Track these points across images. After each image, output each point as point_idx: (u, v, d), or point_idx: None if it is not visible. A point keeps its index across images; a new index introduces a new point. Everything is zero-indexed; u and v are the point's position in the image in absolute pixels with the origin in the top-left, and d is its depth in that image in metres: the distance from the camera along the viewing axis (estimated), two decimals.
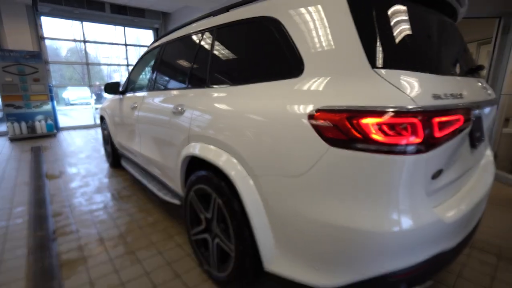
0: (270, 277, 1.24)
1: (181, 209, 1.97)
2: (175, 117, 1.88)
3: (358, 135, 0.90)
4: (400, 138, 0.87)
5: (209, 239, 1.66)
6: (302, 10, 1.21)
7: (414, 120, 0.87)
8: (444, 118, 0.93)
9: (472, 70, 1.39)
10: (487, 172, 1.52)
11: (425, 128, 0.89)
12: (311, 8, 1.18)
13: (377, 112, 0.88)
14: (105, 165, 4.23)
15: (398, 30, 1.06)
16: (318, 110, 0.99)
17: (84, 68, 11.55)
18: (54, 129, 6.56)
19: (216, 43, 1.73)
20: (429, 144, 0.90)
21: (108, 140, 3.95)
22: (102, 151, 5.03)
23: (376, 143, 0.88)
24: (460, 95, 1.05)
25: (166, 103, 2.08)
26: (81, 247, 2.09)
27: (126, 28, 8.06)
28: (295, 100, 1.09)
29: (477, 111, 1.25)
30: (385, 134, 0.88)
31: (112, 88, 3.20)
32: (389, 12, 1.08)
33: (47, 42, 7.01)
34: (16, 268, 1.85)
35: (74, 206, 2.79)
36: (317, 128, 0.99)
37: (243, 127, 1.30)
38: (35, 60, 6.06)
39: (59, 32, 7.68)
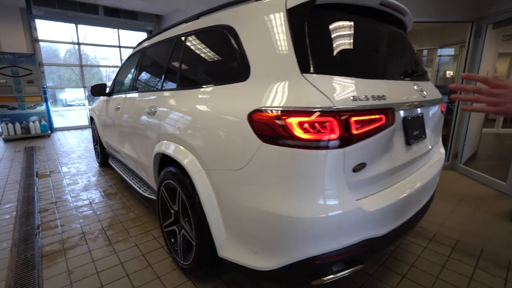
0: (223, 262, 1.38)
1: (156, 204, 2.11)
2: (149, 117, 2.02)
3: (284, 133, 1.03)
4: (318, 135, 1.01)
5: (177, 230, 1.79)
6: (252, 20, 1.35)
7: (331, 119, 1.01)
8: (361, 118, 1.07)
9: (410, 74, 1.52)
10: (433, 168, 1.66)
11: (341, 126, 1.02)
12: (258, 19, 1.32)
13: (299, 112, 1.02)
14: (95, 165, 4.36)
15: (327, 40, 1.20)
16: (254, 111, 1.13)
17: (83, 70, 11.69)
18: (48, 130, 6.69)
19: (185, 48, 1.87)
20: (346, 140, 1.04)
21: (97, 140, 4.08)
22: (93, 151, 5.16)
23: (299, 139, 1.02)
24: (383, 97, 1.18)
25: (143, 104, 2.22)
26: (63, 240, 2.22)
27: (120, 30, 8.20)
28: (239, 102, 1.23)
29: (408, 111, 1.39)
30: (306, 131, 1.01)
31: (98, 90, 3.32)
32: (320, 24, 1.22)
33: (44, 44, 7.14)
34: (0, 259, 1.97)
35: (60, 203, 2.92)
36: (253, 126, 1.12)
37: (198, 126, 1.44)
38: (29, 62, 6.19)
39: (56, 35, 7.83)
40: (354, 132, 1.05)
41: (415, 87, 1.47)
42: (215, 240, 1.38)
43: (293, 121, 1.02)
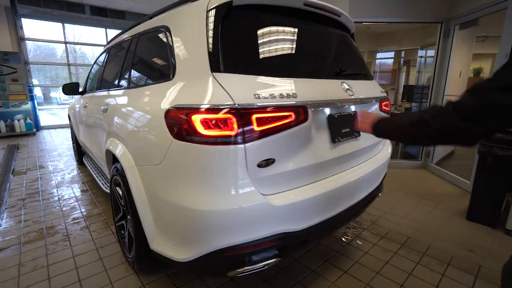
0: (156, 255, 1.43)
1: None
2: (103, 115, 2.07)
3: (189, 129, 1.09)
4: (219, 131, 1.06)
5: (125, 224, 1.85)
6: (181, 21, 1.41)
7: (230, 116, 1.06)
8: (263, 115, 1.12)
9: (338, 73, 1.57)
10: (372, 165, 1.71)
11: (241, 123, 1.07)
12: (185, 20, 1.37)
13: (200, 110, 1.07)
14: (73, 163, 4.40)
15: (241, 40, 1.26)
16: (169, 109, 1.19)
17: (79, 69, 11.69)
18: (33, 128, 6.73)
19: (134, 49, 1.93)
20: (247, 136, 1.09)
21: (74, 138, 4.13)
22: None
23: (201, 135, 1.07)
24: (294, 95, 1.23)
25: (100, 103, 2.27)
26: (22, 235, 2.27)
27: (108, 29, 8.23)
28: (161, 100, 1.29)
29: (334, 109, 1.44)
30: (208, 128, 1.06)
31: (70, 89, 3.36)
32: (238, 24, 1.28)
33: (41, 43, 7.15)
34: None
35: (29, 200, 2.97)
36: (167, 123, 1.18)
37: (131, 124, 1.50)
38: (14, 60, 6.22)
39: (47, 33, 7.87)
40: (256, 129, 1.10)
41: (343, 86, 1.52)
42: (146, 233, 1.43)
43: (196, 118, 1.07)
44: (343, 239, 2.23)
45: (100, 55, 3.12)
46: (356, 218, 2.54)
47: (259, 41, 1.30)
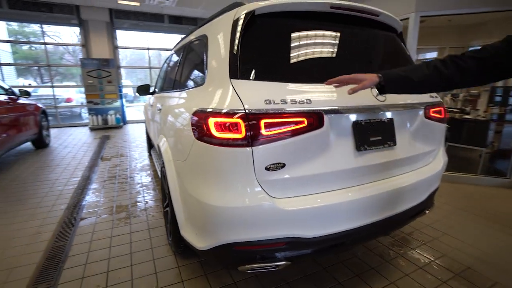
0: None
1: None
2: (159, 114, 2.39)
3: (206, 131, 1.20)
4: (229, 134, 1.14)
5: (169, 210, 2.11)
6: (216, 30, 1.54)
7: (238, 120, 1.13)
8: (272, 120, 1.15)
9: None
10: (412, 178, 1.55)
11: (249, 127, 1.13)
12: (218, 30, 1.50)
13: (215, 113, 1.17)
14: (145, 154, 5.11)
15: (261, 47, 1.31)
16: (194, 112, 1.32)
17: (151, 71, 13.45)
18: (121, 122, 8.01)
19: (185, 55, 2.16)
20: (254, 140, 1.14)
21: (146, 132, 4.79)
22: None
23: (214, 137, 1.17)
24: (307, 101, 1.22)
25: (159, 103, 2.61)
26: (99, 209, 2.79)
27: (183, 35, 9.18)
28: (192, 103, 1.44)
29: (361, 115, 1.37)
30: (220, 130, 1.15)
31: (143, 89, 3.91)
32: (260, 32, 1.34)
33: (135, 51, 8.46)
34: (54, 217, 2.62)
35: (108, 182, 3.59)
36: (191, 124, 1.32)
37: (171, 123, 1.71)
38: (109, 65, 7.53)
39: (134, 42, 9.27)
40: (264, 133, 1.14)
41: (374, 91, 1.42)
42: (178, 220, 1.62)
43: (211, 121, 1.17)
44: (384, 255, 2.06)
45: (166, 59, 3.56)
46: (390, 234, 2.32)
47: (278, 48, 1.33)
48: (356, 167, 1.38)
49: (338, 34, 1.49)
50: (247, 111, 1.14)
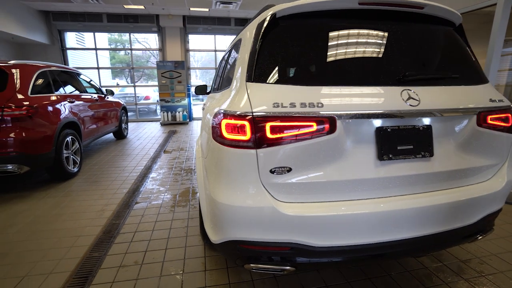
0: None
1: None
2: (203, 113, 2.57)
3: (219, 131, 1.24)
4: (236, 135, 1.16)
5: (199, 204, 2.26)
6: (246, 34, 1.58)
7: (245, 122, 1.14)
8: (279, 123, 1.12)
9: (401, 79, 1.28)
10: (452, 195, 1.33)
11: (254, 129, 1.13)
12: (247, 34, 1.53)
13: (226, 115, 1.20)
14: None
15: (279, 50, 1.28)
16: (215, 113, 1.39)
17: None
18: (187, 119, 8.82)
19: (228, 57, 2.27)
20: (260, 142, 1.13)
21: None
22: None
23: (224, 138, 1.20)
24: (318, 104, 1.15)
25: (206, 103, 2.80)
26: (151, 196, 3.15)
27: None
28: (216, 105, 1.51)
29: (387, 121, 1.23)
30: (229, 131, 1.18)
31: (200, 89, 4.23)
32: (281, 34, 1.31)
33: (203, 53, 9.30)
34: (117, 199, 3.08)
35: (164, 171, 4.03)
36: (211, 125, 1.39)
37: (204, 122, 1.82)
38: (180, 67, 8.36)
39: (203, 45, 10.08)
40: (270, 136, 1.13)
41: (405, 94, 1.25)
42: (202, 214, 1.73)
43: (223, 122, 1.21)
44: (424, 280, 1.80)
45: (220, 61, 3.78)
46: (422, 255, 2.00)
47: (297, 51, 1.29)
48: (376, 178, 1.24)
49: (371, 32, 1.36)
50: (254, 114, 1.15)
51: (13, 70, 3.09)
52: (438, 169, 1.32)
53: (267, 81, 1.24)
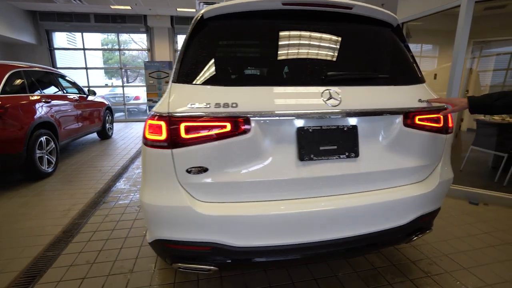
0: None
1: None
2: None
3: (143, 132, 1.24)
4: (154, 136, 1.17)
5: None
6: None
7: (161, 123, 1.15)
8: (193, 123, 1.13)
9: (324, 79, 1.29)
10: (381, 196, 1.33)
11: (169, 129, 1.14)
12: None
13: (150, 116, 1.21)
14: None
15: (201, 51, 1.30)
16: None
17: None
18: None
19: None
20: (175, 142, 1.14)
21: None
22: None
23: (147, 138, 1.21)
24: (234, 105, 1.15)
25: None
26: (120, 195, 3.16)
27: None
28: None
29: (310, 121, 1.24)
30: (151, 132, 1.19)
31: None
32: (207, 35, 1.33)
33: None
34: (86, 198, 3.09)
35: (139, 172, 4.03)
36: None
37: None
38: (167, 67, 8.37)
39: None
40: (184, 136, 1.14)
41: (326, 94, 1.25)
42: None
43: (147, 123, 1.22)
44: (370, 281, 1.81)
45: None
46: (354, 257, 2.00)
47: (221, 52, 1.30)
48: (298, 179, 1.25)
49: (296, 33, 1.37)
50: (169, 114, 1.16)
51: None
52: (365, 169, 1.34)
53: (189, 82, 1.26)
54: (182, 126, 1.15)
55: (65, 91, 4.69)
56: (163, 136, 1.16)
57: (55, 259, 2.04)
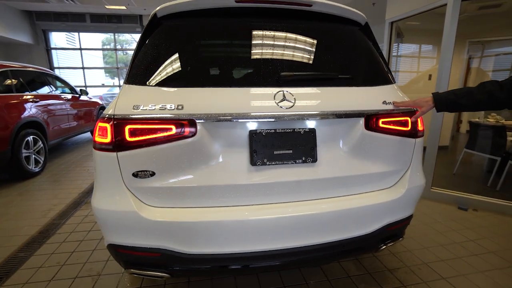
0: None
1: None
2: None
3: (92, 135, 1.22)
4: (100, 138, 1.13)
5: None
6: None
7: (106, 125, 1.11)
8: (137, 126, 1.09)
9: (278, 80, 1.24)
10: (343, 203, 1.27)
11: (114, 132, 1.09)
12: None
13: (99, 119, 1.17)
14: None
15: (153, 51, 1.26)
16: None
17: None
18: None
19: None
20: (120, 145, 1.10)
21: None
22: None
23: (95, 140, 1.17)
24: (180, 107, 1.10)
25: None
26: None
27: None
28: None
29: (263, 124, 1.19)
30: (99, 134, 1.15)
31: None
32: (154, 36, 1.30)
33: None
34: (68, 198, 3.06)
35: None
36: None
37: None
38: None
39: None
40: (128, 139, 1.10)
41: (279, 95, 1.19)
42: None
43: (97, 125, 1.18)
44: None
45: None
46: (315, 266, 1.93)
47: (172, 52, 1.26)
48: (249, 184, 1.20)
49: (250, 32, 1.32)
50: (115, 116, 1.12)
51: None
52: (324, 175, 1.28)
53: (138, 83, 1.22)
54: (127, 128, 1.10)
55: (56, 91, 4.70)
56: (108, 138, 1.11)
57: (26, 260, 2.01)
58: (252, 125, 1.20)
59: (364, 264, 1.99)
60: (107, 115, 1.14)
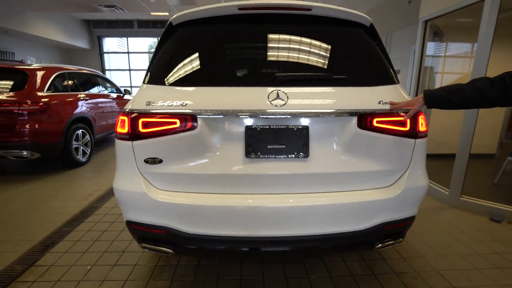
0: None
1: None
2: None
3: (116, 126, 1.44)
4: (121, 129, 1.34)
5: None
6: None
7: (124, 118, 1.31)
8: (148, 119, 1.27)
9: (274, 80, 1.34)
10: (333, 199, 1.34)
11: (130, 124, 1.29)
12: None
13: (120, 112, 1.39)
14: None
15: (168, 54, 1.44)
16: None
17: None
18: None
19: None
20: (134, 135, 1.29)
21: None
22: None
23: (117, 131, 1.39)
24: (184, 104, 1.26)
25: None
26: None
27: None
28: None
29: (258, 120, 1.31)
30: (120, 126, 1.37)
31: None
32: (175, 40, 1.47)
33: None
34: (107, 185, 3.47)
35: None
36: None
37: None
38: None
39: None
40: (141, 130, 1.29)
41: (273, 94, 1.29)
42: None
43: (119, 118, 1.40)
44: None
45: None
46: (307, 257, 1.98)
47: (184, 55, 1.43)
48: (244, 175, 1.32)
49: (253, 36, 1.44)
50: (131, 110, 1.32)
51: (33, 72, 3.68)
52: (315, 170, 1.35)
53: (152, 83, 1.41)
54: (140, 121, 1.30)
55: (103, 91, 5.28)
56: (126, 129, 1.32)
57: (68, 234, 2.36)
58: (248, 121, 1.32)
59: (370, 265, 1.98)
60: (126, 110, 1.35)
